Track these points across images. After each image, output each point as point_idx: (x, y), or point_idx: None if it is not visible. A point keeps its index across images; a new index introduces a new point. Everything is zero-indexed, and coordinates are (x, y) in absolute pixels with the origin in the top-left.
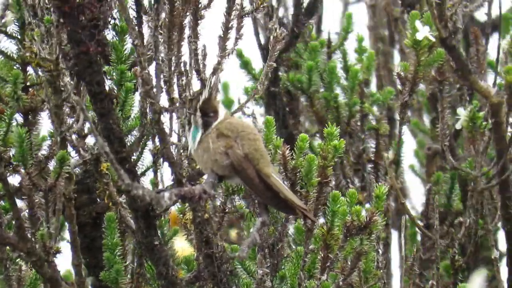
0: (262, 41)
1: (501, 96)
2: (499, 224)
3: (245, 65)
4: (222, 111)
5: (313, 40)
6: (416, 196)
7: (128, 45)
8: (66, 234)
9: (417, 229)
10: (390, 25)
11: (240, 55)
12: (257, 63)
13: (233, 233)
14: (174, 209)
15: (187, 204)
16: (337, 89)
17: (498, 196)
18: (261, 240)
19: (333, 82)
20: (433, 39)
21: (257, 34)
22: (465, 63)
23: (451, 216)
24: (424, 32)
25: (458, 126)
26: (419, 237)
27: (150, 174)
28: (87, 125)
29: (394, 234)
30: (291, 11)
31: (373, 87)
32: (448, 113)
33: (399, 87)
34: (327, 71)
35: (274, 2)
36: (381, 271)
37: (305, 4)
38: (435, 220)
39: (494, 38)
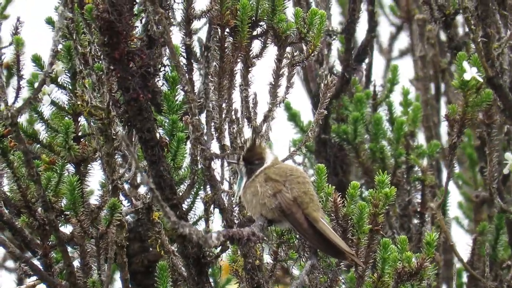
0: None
1: None
2: None
3: (293, 117)
4: (270, 157)
5: (359, 92)
6: (462, 249)
7: (180, 96)
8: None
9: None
10: (437, 76)
11: (288, 107)
12: (305, 114)
13: None
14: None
15: (238, 252)
16: (383, 141)
17: None
18: (310, 283)
19: (379, 133)
20: (481, 80)
21: (306, 81)
22: None
23: (497, 266)
24: (471, 72)
25: (506, 171)
26: None
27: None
28: (139, 174)
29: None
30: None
31: (421, 139)
32: (496, 156)
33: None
34: (373, 123)
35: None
36: None
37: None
38: (486, 266)
39: None
